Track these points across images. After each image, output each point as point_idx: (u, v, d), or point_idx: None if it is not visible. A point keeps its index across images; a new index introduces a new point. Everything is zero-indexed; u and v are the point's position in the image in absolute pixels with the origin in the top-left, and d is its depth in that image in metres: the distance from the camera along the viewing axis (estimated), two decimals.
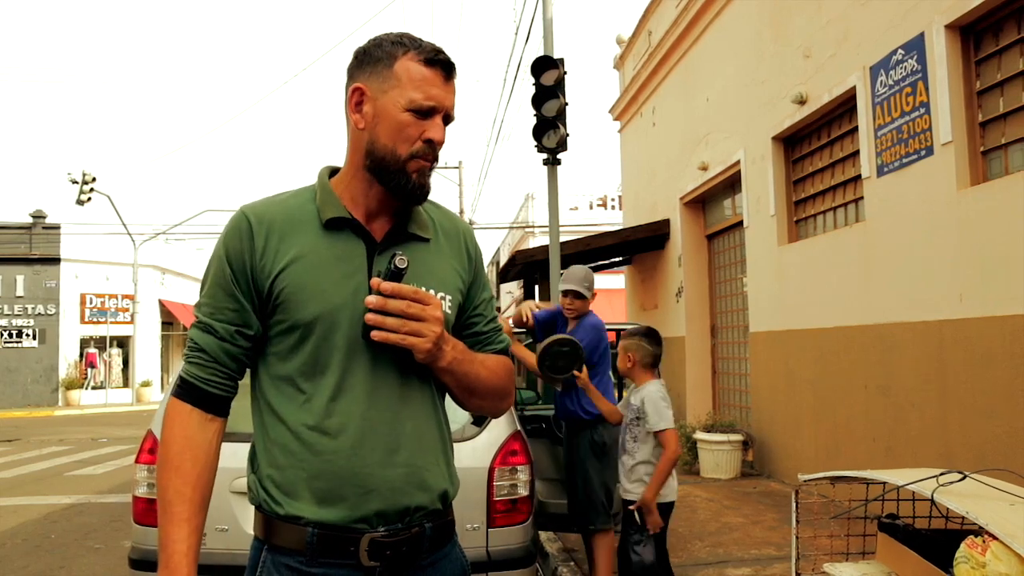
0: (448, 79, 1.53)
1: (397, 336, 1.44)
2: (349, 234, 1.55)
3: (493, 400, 1.69)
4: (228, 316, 1.52)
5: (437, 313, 1.47)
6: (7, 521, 7.50)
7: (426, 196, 1.56)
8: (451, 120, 1.55)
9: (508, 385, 1.71)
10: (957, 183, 5.56)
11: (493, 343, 1.73)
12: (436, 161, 1.54)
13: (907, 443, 6.19)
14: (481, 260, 1.75)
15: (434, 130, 1.51)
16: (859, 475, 2.41)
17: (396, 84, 1.50)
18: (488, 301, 1.74)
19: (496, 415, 1.80)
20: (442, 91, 1.52)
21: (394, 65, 1.50)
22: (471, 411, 1.72)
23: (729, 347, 10.73)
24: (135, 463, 3.69)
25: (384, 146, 1.50)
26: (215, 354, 1.52)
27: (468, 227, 1.77)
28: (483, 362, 1.64)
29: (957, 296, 5.57)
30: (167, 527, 1.45)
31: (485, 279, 1.76)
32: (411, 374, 1.54)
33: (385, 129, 1.50)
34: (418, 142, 1.50)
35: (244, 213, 1.56)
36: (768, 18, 8.59)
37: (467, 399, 1.65)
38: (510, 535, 3.61)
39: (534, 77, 7.85)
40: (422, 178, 1.52)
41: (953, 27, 5.61)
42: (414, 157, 1.50)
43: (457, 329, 1.67)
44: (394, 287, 1.44)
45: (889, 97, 6.30)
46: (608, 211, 27.16)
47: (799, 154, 8.30)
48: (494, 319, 1.75)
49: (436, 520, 1.57)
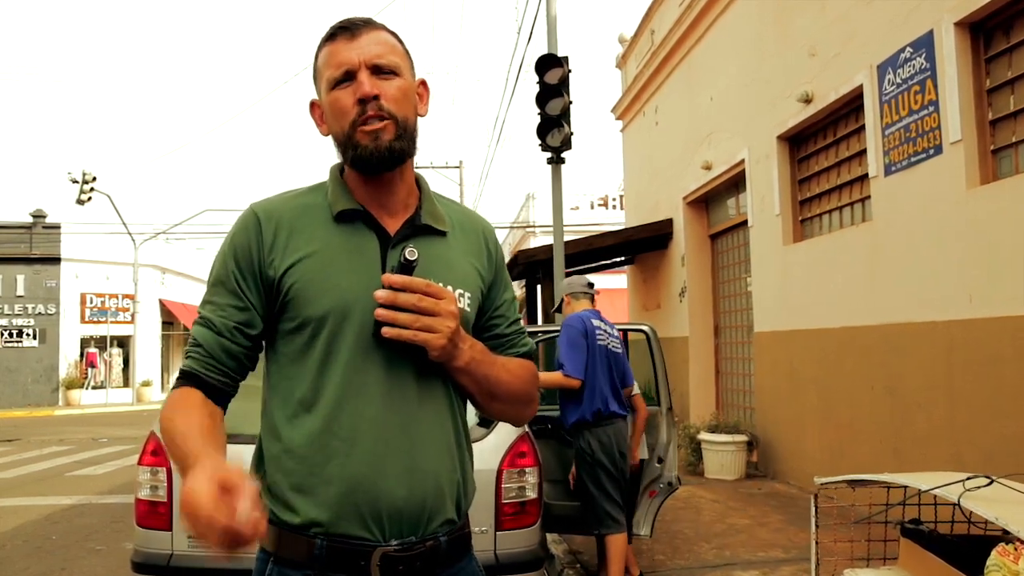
0: (354, 36, 1.46)
1: (409, 332, 1.36)
2: (361, 227, 1.49)
3: (516, 406, 1.62)
4: (229, 313, 1.46)
5: (452, 308, 1.39)
6: (8, 522, 7.45)
7: (386, 155, 1.44)
8: (383, 68, 1.45)
9: (532, 391, 1.63)
10: (966, 182, 5.51)
11: (516, 346, 1.65)
12: (386, 117, 1.43)
13: (914, 444, 6.14)
14: (502, 258, 1.68)
15: (357, 87, 1.43)
16: (879, 479, 2.36)
17: (320, 76, 1.49)
18: (510, 302, 1.67)
19: (519, 423, 1.72)
20: (350, 51, 1.44)
21: (317, 63, 1.50)
22: (492, 416, 1.65)
23: (733, 347, 10.68)
24: (137, 465, 3.64)
25: (336, 133, 1.47)
26: (212, 350, 1.44)
27: (488, 224, 1.70)
28: (504, 365, 1.56)
29: (966, 296, 5.52)
30: (182, 449, 1.31)
31: (507, 278, 1.68)
32: (428, 375, 1.46)
33: (330, 119, 1.48)
34: (354, 109, 1.43)
35: (252, 209, 1.52)
36: (772, 17, 8.54)
37: (488, 403, 1.57)
38: (518, 538, 3.56)
39: (538, 75, 7.81)
40: (375, 141, 1.43)
41: (963, 24, 5.56)
42: (356, 125, 1.43)
43: (477, 331, 1.60)
44: (405, 280, 1.36)
45: (897, 95, 6.26)
46: (609, 210, 27.07)
47: (804, 153, 8.25)
48: (517, 321, 1.68)
49: (452, 532, 1.49)
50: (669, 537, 6.09)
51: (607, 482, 4.53)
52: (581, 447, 4.57)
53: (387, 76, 1.46)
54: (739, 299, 10.39)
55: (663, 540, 5.96)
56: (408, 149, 1.49)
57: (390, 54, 1.48)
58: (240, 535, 1.08)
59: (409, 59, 1.55)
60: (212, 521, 1.08)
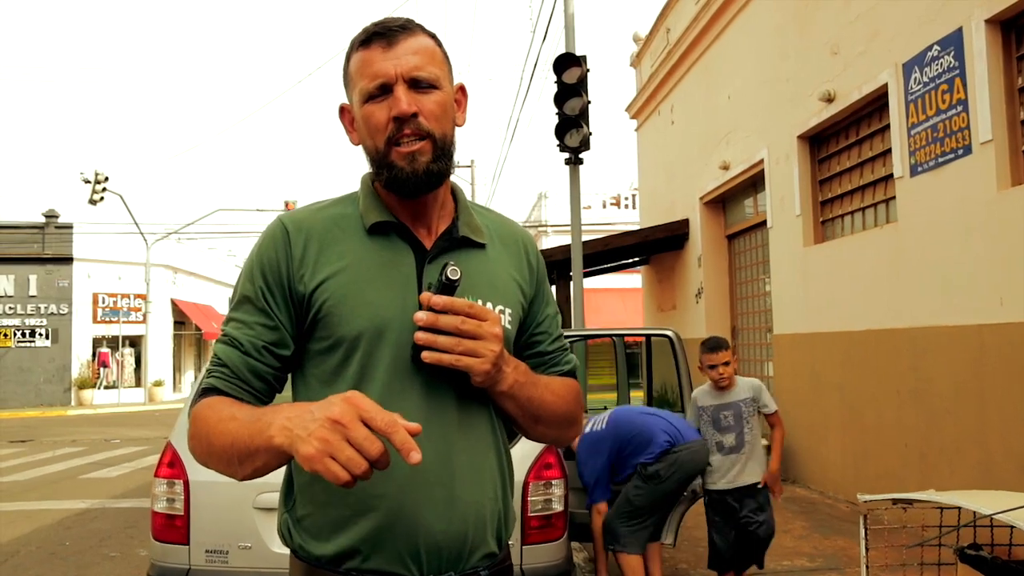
0: (391, 44, 1.35)
1: (451, 357, 1.26)
2: (396, 239, 1.39)
3: (560, 428, 1.52)
4: (257, 331, 1.35)
5: (496, 330, 1.29)
6: (21, 527, 7.40)
7: (423, 178, 1.34)
8: (422, 82, 1.34)
9: (576, 411, 1.53)
10: (997, 183, 5.38)
11: (559, 364, 1.55)
12: (424, 136, 1.34)
13: (942, 451, 6.02)
14: (544, 271, 1.57)
15: (394, 103, 1.32)
16: (930, 499, 2.25)
17: (353, 85, 1.39)
18: (553, 317, 1.57)
19: (562, 444, 1.62)
20: (386, 61, 1.34)
21: (349, 69, 1.40)
22: (534, 439, 1.55)
23: (751, 349, 10.56)
24: (154, 476, 3.55)
25: (368, 148, 1.38)
26: (238, 369, 1.33)
27: (528, 235, 1.59)
28: (548, 385, 1.46)
29: (997, 299, 5.39)
30: (240, 421, 1.23)
31: (549, 292, 1.58)
32: (469, 400, 1.37)
33: (363, 132, 1.38)
34: (389, 126, 1.33)
35: (281, 221, 1.42)
36: (792, 14, 8.41)
37: (531, 427, 1.47)
38: (544, 552, 3.46)
39: (556, 75, 7.69)
40: (411, 164, 1.33)
41: (993, 22, 5.42)
42: (391, 144, 1.34)
43: (518, 349, 1.50)
44: (446, 301, 1.26)
45: (924, 94, 6.12)
46: (621, 210, 26.97)
47: (826, 153, 8.12)
48: (560, 337, 1.57)
49: (493, 566, 1.40)
50: (691, 545, 5.97)
51: (623, 503, 4.44)
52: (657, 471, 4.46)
53: (426, 90, 1.36)
54: (757, 300, 10.27)
55: (685, 548, 5.85)
56: (446, 169, 1.40)
57: (429, 64, 1.37)
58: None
59: (448, 65, 1.44)
60: (390, 425, 1.07)
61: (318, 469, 1.06)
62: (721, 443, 4.56)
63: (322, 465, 1.05)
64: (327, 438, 1.06)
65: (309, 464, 1.07)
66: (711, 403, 4.63)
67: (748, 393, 4.58)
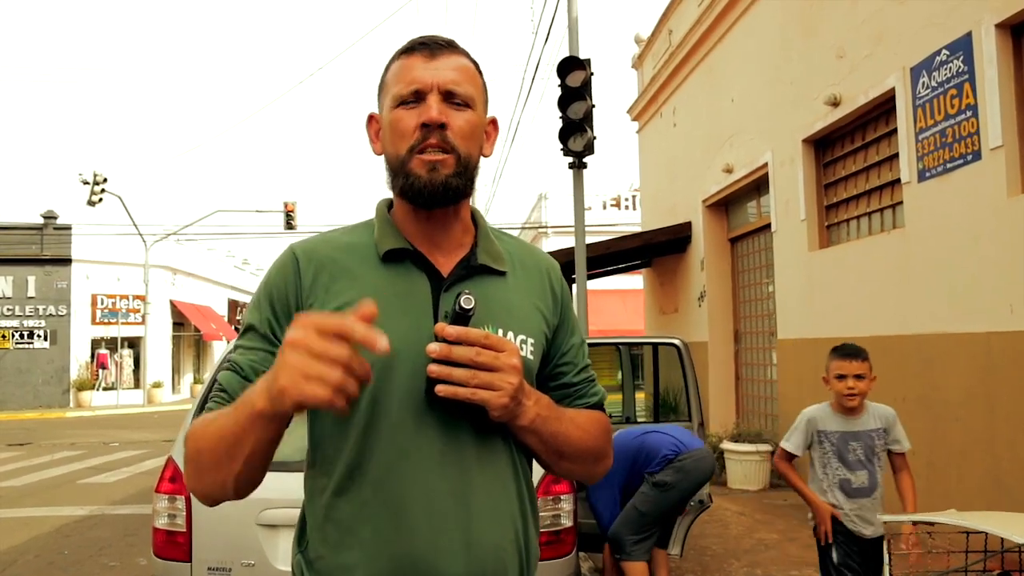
0: (432, 56, 1.32)
1: (466, 391, 1.19)
2: (411, 267, 1.34)
3: (586, 464, 1.44)
4: (260, 357, 1.30)
5: (514, 361, 1.22)
6: (20, 535, 7.32)
7: (440, 190, 1.30)
8: (457, 97, 1.31)
9: (605, 446, 1.45)
10: (1007, 189, 5.32)
11: (585, 396, 1.48)
12: (448, 150, 1.29)
13: (949, 458, 5.95)
14: (569, 300, 1.51)
15: (424, 110, 1.29)
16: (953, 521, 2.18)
17: (386, 91, 1.36)
18: (579, 346, 1.50)
19: (590, 481, 1.55)
20: (424, 70, 1.31)
21: (386, 75, 1.38)
22: (559, 475, 1.48)
23: (754, 353, 10.49)
24: (155, 492, 3.48)
25: (390, 155, 1.34)
26: (236, 393, 1.27)
27: (553, 262, 1.54)
28: (573, 419, 1.39)
29: (1007, 307, 5.33)
30: (230, 414, 1.18)
31: (574, 321, 1.51)
32: (488, 435, 1.30)
33: (387, 138, 1.35)
34: (415, 133, 1.29)
35: (292, 250, 1.38)
36: (797, 16, 8.34)
37: (555, 463, 1.40)
38: (553, 569, 3.39)
39: (560, 78, 7.62)
40: (431, 173, 1.29)
41: (1004, 26, 5.36)
42: (413, 151, 1.29)
43: (542, 380, 1.44)
44: (460, 332, 1.19)
45: (932, 99, 6.06)
46: (622, 211, 26.91)
47: (831, 157, 8.05)
48: (586, 368, 1.50)
49: None
50: (697, 554, 5.92)
51: (658, 509, 4.39)
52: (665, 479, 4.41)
53: (459, 107, 1.32)
54: (760, 304, 10.20)
55: (691, 558, 5.79)
56: (466, 188, 1.34)
57: (467, 83, 1.33)
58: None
59: (486, 94, 1.40)
60: (343, 325, 1.01)
61: (296, 398, 1.02)
62: (848, 481, 3.66)
63: (297, 390, 1.01)
64: (290, 362, 1.02)
65: (287, 397, 1.02)
66: (836, 429, 3.71)
67: (880, 423, 3.71)
